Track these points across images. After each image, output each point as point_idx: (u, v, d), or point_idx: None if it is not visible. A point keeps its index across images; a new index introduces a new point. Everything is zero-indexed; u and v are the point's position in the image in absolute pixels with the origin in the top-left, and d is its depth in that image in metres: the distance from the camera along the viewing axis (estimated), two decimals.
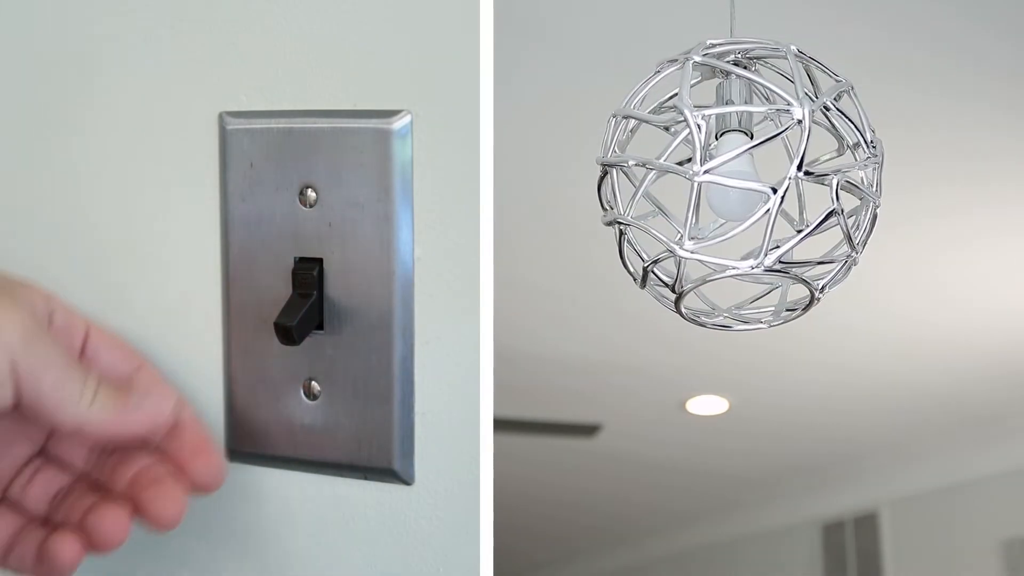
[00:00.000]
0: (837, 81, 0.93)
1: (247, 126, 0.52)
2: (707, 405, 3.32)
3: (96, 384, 0.47)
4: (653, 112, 0.98)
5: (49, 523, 0.49)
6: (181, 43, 0.54)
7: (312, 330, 0.51)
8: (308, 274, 0.51)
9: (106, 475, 0.50)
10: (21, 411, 0.47)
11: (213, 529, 0.55)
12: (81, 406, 0.46)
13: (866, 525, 3.96)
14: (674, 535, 4.84)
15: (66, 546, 0.47)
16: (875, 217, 0.97)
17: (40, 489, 0.50)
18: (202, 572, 0.56)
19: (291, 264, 0.52)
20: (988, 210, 2.18)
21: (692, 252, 0.91)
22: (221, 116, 0.53)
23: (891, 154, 1.01)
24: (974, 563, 3.55)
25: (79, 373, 0.47)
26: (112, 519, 0.48)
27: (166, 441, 0.50)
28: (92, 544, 0.47)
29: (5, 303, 0.46)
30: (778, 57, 0.95)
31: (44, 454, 0.51)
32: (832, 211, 0.91)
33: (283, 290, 0.52)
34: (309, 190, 0.51)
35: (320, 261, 0.51)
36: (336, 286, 0.51)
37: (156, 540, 0.57)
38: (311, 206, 0.51)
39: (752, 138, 0.96)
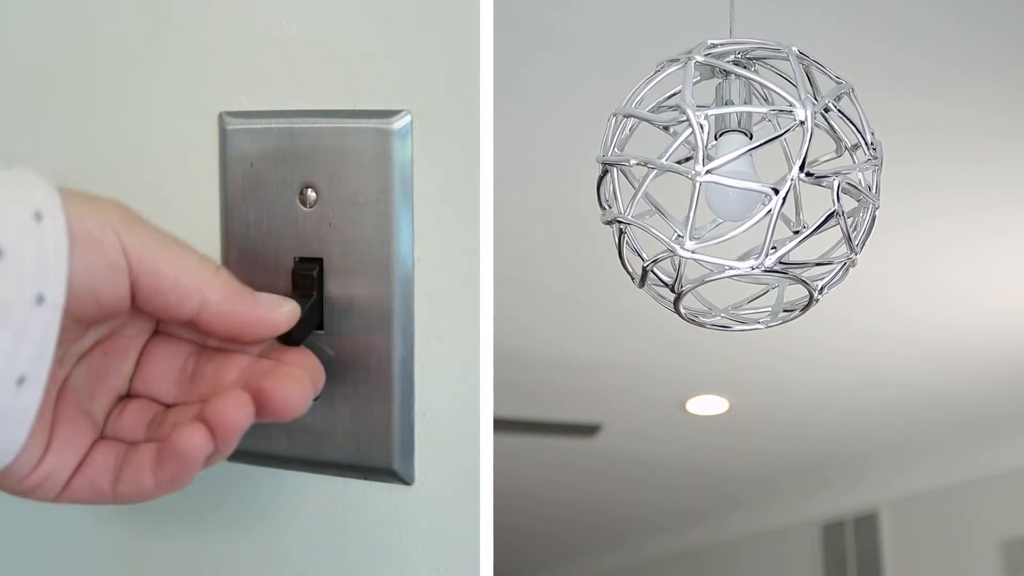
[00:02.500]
0: (837, 82, 0.93)
1: (247, 126, 0.52)
2: (707, 405, 3.32)
3: (215, 266, 0.45)
4: (653, 112, 0.98)
5: (155, 440, 0.46)
6: (181, 43, 0.54)
7: (312, 330, 0.51)
8: (308, 274, 0.51)
9: (204, 390, 0.47)
10: (137, 302, 0.44)
11: (213, 529, 0.55)
12: (203, 281, 0.44)
13: (866, 525, 3.96)
14: (674, 535, 4.85)
15: (194, 435, 0.43)
16: (874, 218, 0.97)
17: (133, 418, 0.47)
18: (201, 571, 0.56)
19: (291, 264, 0.52)
20: (988, 211, 2.18)
21: (692, 252, 0.91)
22: (221, 116, 0.53)
23: (890, 155, 1.01)
24: (974, 563, 3.55)
25: (192, 252, 0.44)
26: (234, 402, 0.43)
27: (252, 365, 0.47)
28: (215, 431, 0.43)
29: (98, 196, 0.43)
30: (779, 58, 0.95)
31: (130, 393, 0.48)
32: (832, 212, 0.91)
33: (283, 290, 0.52)
34: (309, 190, 0.51)
35: (320, 261, 0.51)
36: (336, 286, 0.51)
37: (156, 540, 0.57)
38: (311, 206, 0.51)
39: (752, 139, 0.96)
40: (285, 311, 0.47)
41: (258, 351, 0.48)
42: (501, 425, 3.34)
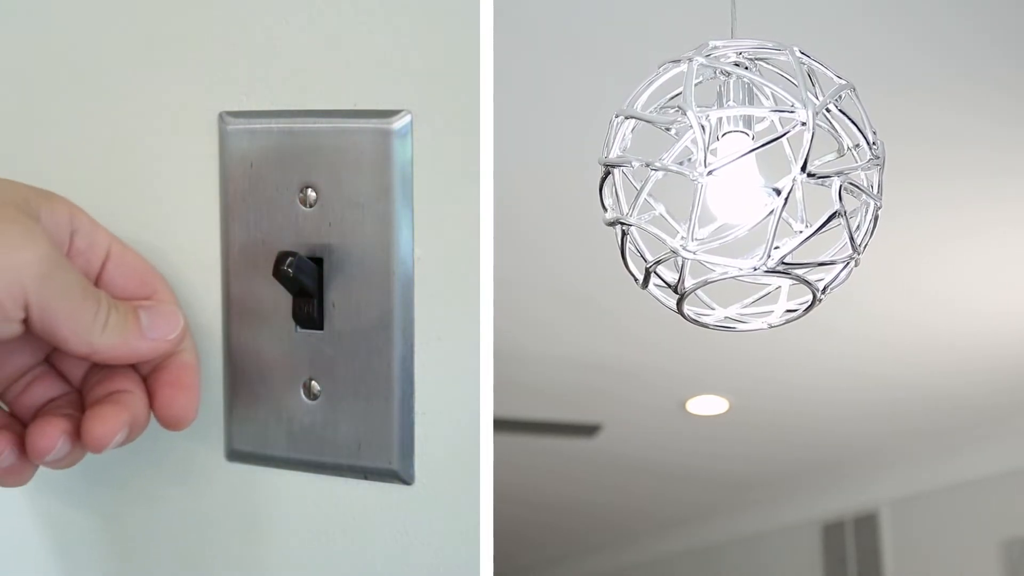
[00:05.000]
0: (838, 82, 0.93)
1: (247, 126, 0.52)
2: (707, 405, 3.32)
3: (107, 312, 0.48)
4: (655, 113, 0.98)
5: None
6: (181, 43, 0.54)
7: (319, 280, 0.51)
8: (308, 274, 0.51)
9: (87, 393, 0.51)
10: (31, 333, 0.47)
11: (213, 529, 0.55)
12: (92, 335, 0.47)
13: (866, 525, 3.96)
14: (674, 535, 4.84)
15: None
16: (877, 218, 0.96)
17: (33, 398, 0.51)
18: (202, 572, 0.56)
19: None
20: (988, 211, 2.18)
21: (694, 253, 0.91)
22: (221, 116, 0.53)
23: (893, 159, 1.01)
24: (974, 563, 3.55)
25: (92, 303, 0.48)
26: (39, 429, 0.48)
27: (154, 368, 0.51)
28: (28, 452, 0.48)
29: (27, 228, 0.46)
30: (780, 58, 0.95)
31: (46, 362, 0.52)
32: (835, 212, 0.91)
33: (283, 290, 0.52)
34: (309, 190, 0.51)
35: (320, 261, 0.51)
36: (336, 286, 0.51)
37: (155, 540, 0.57)
38: (311, 206, 0.51)
39: (753, 139, 0.96)
40: (171, 339, 0.50)
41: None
42: (501, 425, 3.33)
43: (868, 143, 0.93)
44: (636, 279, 1.01)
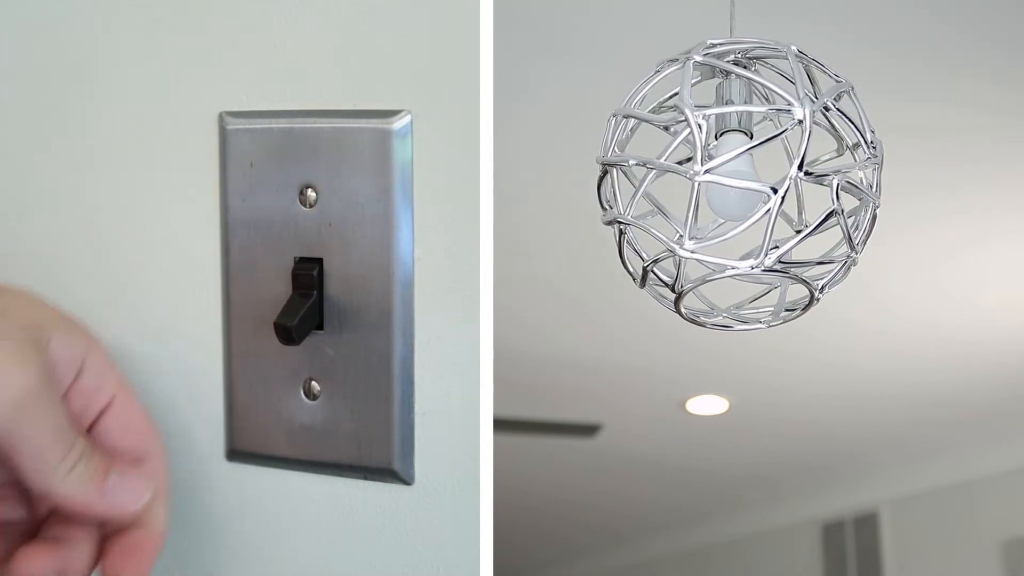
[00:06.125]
0: (837, 81, 0.93)
1: (247, 126, 0.52)
2: (707, 405, 3.32)
3: (78, 458, 0.47)
4: (653, 112, 0.98)
5: None
6: (181, 43, 0.54)
7: (312, 330, 0.51)
8: (308, 274, 0.51)
9: (46, 524, 0.50)
10: None
11: (213, 529, 0.55)
12: (55, 477, 0.46)
13: (866, 525, 3.96)
14: (674, 535, 4.84)
15: None
16: (875, 217, 0.96)
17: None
18: (202, 571, 0.56)
19: (291, 264, 0.52)
20: (989, 211, 2.18)
21: (692, 252, 0.91)
22: (221, 116, 0.53)
23: (891, 156, 1.01)
24: (974, 563, 3.55)
25: (64, 445, 0.46)
26: (26, 562, 0.47)
27: (115, 529, 0.50)
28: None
29: (23, 353, 0.45)
30: (778, 57, 0.95)
31: (15, 486, 0.50)
32: (832, 211, 0.91)
33: (283, 290, 0.52)
34: (309, 190, 0.51)
35: (320, 261, 0.51)
36: (336, 286, 0.51)
37: None
38: (311, 206, 0.51)
39: (752, 138, 0.96)
40: (129, 511, 0.49)
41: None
42: (501, 425, 3.33)
43: (866, 142, 0.93)
44: (634, 278, 1.01)
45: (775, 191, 0.89)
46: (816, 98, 0.90)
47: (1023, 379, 3.00)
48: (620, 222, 0.96)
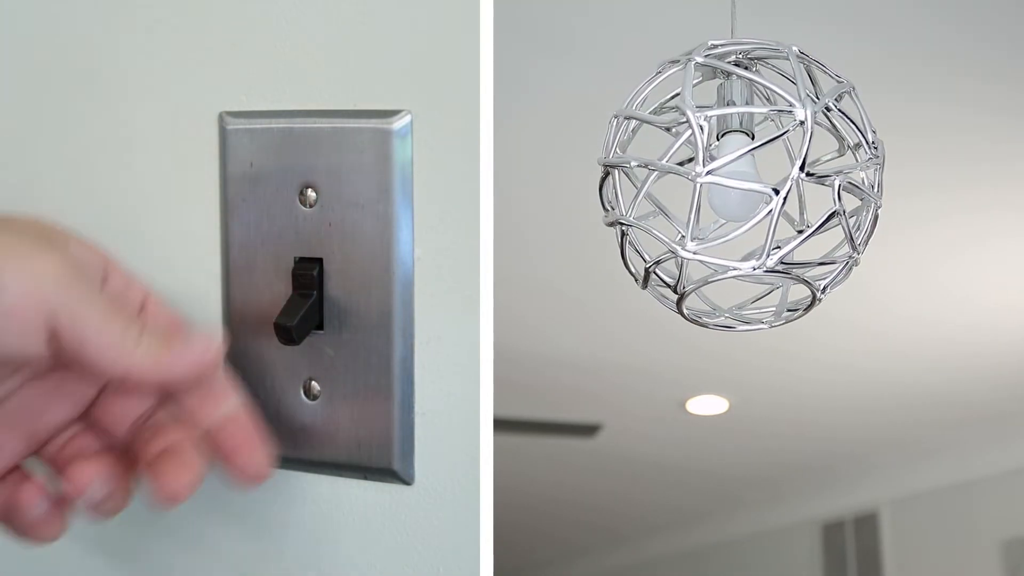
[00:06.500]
0: (838, 82, 0.93)
1: (247, 126, 0.52)
2: (707, 405, 3.32)
3: (140, 329, 0.45)
4: (654, 113, 0.98)
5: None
6: (181, 43, 0.54)
7: (312, 330, 0.51)
8: (308, 274, 0.51)
9: (139, 449, 0.48)
10: (64, 364, 0.45)
11: (213, 529, 0.55)
12: (125, 347, 0.44)
13: (866, 525, 3.96)
14: (674, 535, 4.85)
15: (30, 491, 0.47)
16: (876, 218, 0.96)
17: (75, 449, 0.48)
18: (201, 570, 0.56)
19: (291, 264, 0.52)
20: (989, 211, 2.18)
21: (694, 253, 0.91)
22: (221, 116, 0.53)
23: (892, 156, 1.01)
24: (974, 563, 3.55)
25: (122, 316, 0.45)
26: (78, 467, 0.46)
27: (216, 430, 0.48)
28: (65, 488, 0.46)
29: (42, 248, 0.44)
30: (779, 58, 0.95)
31: (87, 419, 0.49)
32: (834, 212, 0.91)
33: (283, 290, 0.52)
34: (309, 190, 0.51)
35: (320, 261, 0.51)
36: (336, 286, 0.51)
37: (155, 539, 0.57)
38: (311, 206, 0.51)
39: (753, 139, 0.96)
40: (208, 359, 0.47)
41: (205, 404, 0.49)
42: (501, 425, 3.33)
43: (868, 143, 0.93)
44: (636, 279, 1.01)
45: (777, 192, 0.89)
46: (817, 99, 0.90)
47: (1022, 379, 3.00)
48: (622, 223, 0.96)
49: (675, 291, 0.98)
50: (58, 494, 0.47)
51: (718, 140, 0.98)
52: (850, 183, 0.91)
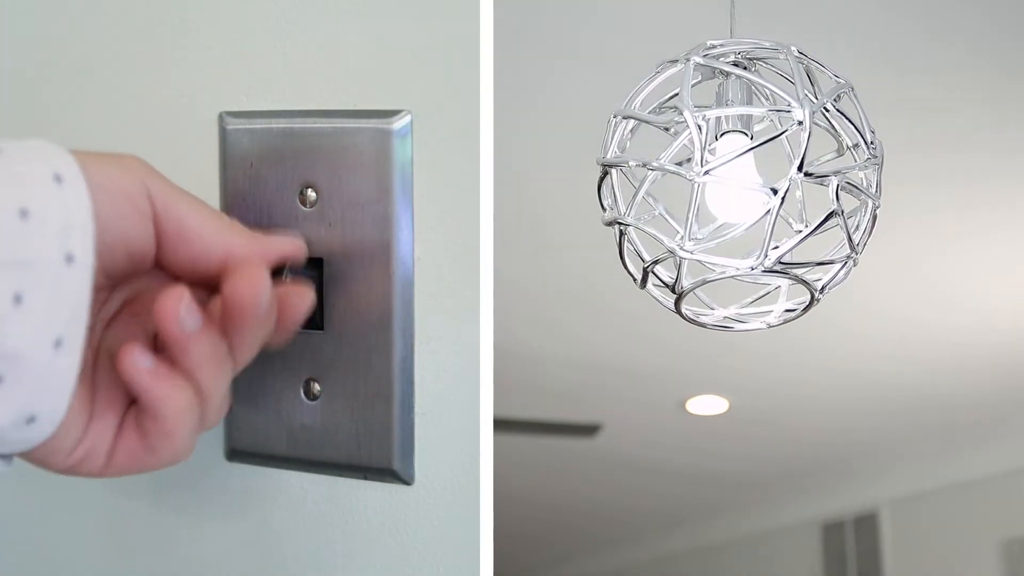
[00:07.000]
0: (837, 82, 0.93)
1: (247, 126, 0.52)
2: (707, 405, 3.32)
3: (228, 217, 0.46)
4: (653, 113, 0.98)
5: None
6: (181, 43, 0.54)
7: (310, 323, 0.51)
8: (308, 274, 0.51)
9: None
10: (163, 254, 0.44)
11: (213, 528, 0.55)
12: (222, 227, 0.45)
13: (866, 525, 3.96)
14: (674, 535, 4.85)
15: (131, 351, 0.43)
16: (875, 218, 0.97)
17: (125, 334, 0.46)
18: (201, 571, 0.56)
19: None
20: (990, 211, 2.18)
21: (692, 253, 0.91)
22: (221, 116, 0.53)
23: (892, 154, 1.01)
24: (974, 563, 3.55)
25: (208, 205, 0.45)
26: (162, 296, 0.43)
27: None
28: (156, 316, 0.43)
29: (113, 153, 0.44)
30: (778, 58, 0.96)
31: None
32: (832, 212, 0.91)
33: None
34: (309, 190, 0.51)
35: (320, 261, 0.51)
36: (336, 286, 0.51)
37: (154, 539, 0.57)
38: (311, 206, 0.51)
39: (752, 139, 0.97)
40: (296, 240, 0.48)
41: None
42: (501, 425, 3.34)
43: (866, 143, 0.94)
44: (634, 279, 1.02)
45: (775, 192, 0.89)
46: (816, 99, 0.90)
47: (1022, 380, 3.00)
48: (620, 223, 0.96)
49: (673, 291, 0.99)
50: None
51: (717, 140, 0.98)
52: (848, 183, 0.91)
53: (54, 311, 0.39)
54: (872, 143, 0.94)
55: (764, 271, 0.93)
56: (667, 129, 0.95)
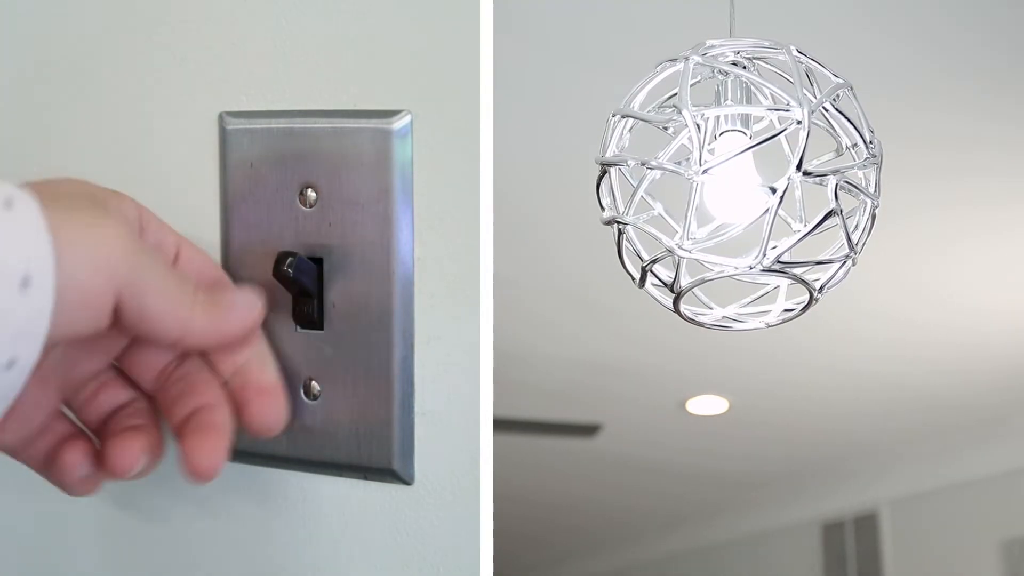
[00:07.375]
0: (836, 81, 0.93)
1: (247, 126, 0.52)
2: (707, 405, 3.32)
3: (194, 288, 0.46)
4: (652, 112, 0.98)
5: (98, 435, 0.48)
6: (181, 43, 0.54)
7: (314, 279, 0.51)
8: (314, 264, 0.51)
9: (167, 403, 0.48)
10: (116, 328, 0.44)
11: (213, 528, 0.55)
12: (189, 312, 0.45)
13: (866, 525, 3.96)
14: (674, 535, 4.84)
15: (74, 454, 0.47)
16: (874, 217, 0.97)
17: (101, 405, 0.49)
18: (201, 571, 0.56)
19: None
20: (991, 213, 2.18)
21: (691, 252, 0.91)
22: (221, 116, 0.53)
23: (894, 160, 1.01)
24: (974, 563, 3.55)
25: (179, 280, 0.45)
26: (120, 446, 0.46)
27: (234, 377, 0.48)
28: (103, 465, 0.47)
29: (100, 214, 0.43)
30: (777, 58, 0.96)
31: (114, 368, 0.49)
32: (831, 211, 0.91)
33: (283, 290, 0.52)
34: (309, 190, 0.51)
35: (320, 261, 0.51)
36: (336, 286, 0.51)
37: (154, 539, 0.57)
38: (311, 206, 0.51)
39: (751, 138, 0.97)
40: (255, 316, 0.48)
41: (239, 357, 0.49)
42: (501, 425, 3.33)
43: (865, 142, 0.94)
44: (633, 278, 1.02)
45: (774, 191, 0.89)
46: (815, 98, 0.90)
47: (1022, 380, 3.00)
48: (619, 222, 0.96)
49: (672, 290, 0.99)
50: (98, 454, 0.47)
51: (716, 139, 0.98)
52: (847, 182, 0.92)
53: None
54: (871, 142, 0.94)
55: (763, 270, 0.93)
56: (666, 128, 0.95)
